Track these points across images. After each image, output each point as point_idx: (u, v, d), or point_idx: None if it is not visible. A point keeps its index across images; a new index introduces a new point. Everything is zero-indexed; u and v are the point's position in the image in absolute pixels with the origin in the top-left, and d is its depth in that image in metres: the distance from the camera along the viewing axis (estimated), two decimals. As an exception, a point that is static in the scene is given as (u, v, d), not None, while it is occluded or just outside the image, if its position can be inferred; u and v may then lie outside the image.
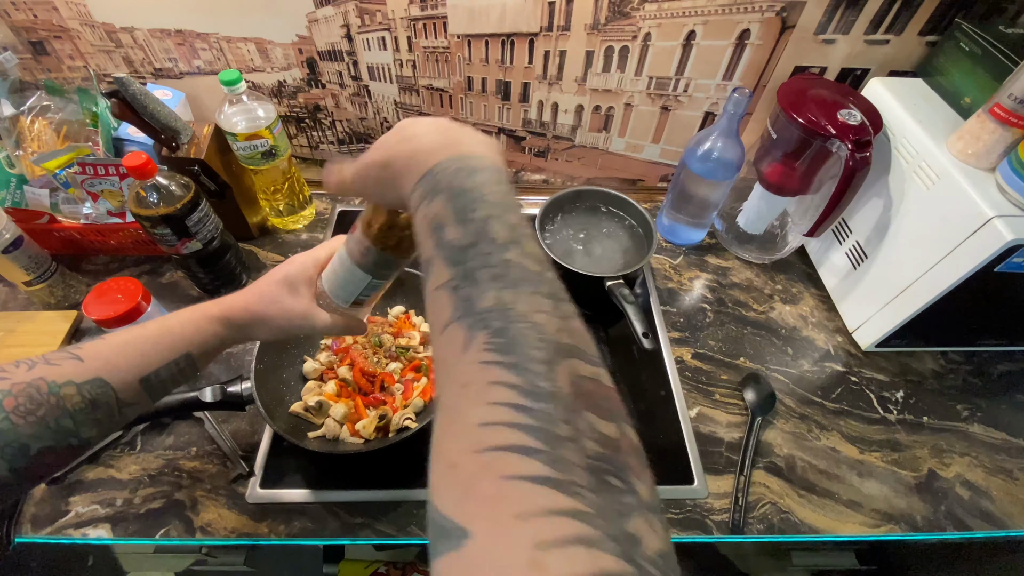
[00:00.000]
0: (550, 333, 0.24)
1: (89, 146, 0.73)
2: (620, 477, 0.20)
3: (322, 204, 0.93)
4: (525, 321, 0.24)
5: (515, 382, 0.22)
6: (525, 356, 0.22)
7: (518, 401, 0.21)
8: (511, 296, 0.25)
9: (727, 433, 0.68)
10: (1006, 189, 0.57)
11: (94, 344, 0.40)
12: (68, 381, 0.37)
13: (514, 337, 0.23)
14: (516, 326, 0.24)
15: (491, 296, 0.25)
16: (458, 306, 0.25)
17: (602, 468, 0.20)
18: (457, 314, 0.25)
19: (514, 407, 0.21)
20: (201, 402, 0.58)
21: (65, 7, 0.72)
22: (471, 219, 0.28)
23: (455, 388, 0.23)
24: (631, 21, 0.73)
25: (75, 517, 0.58)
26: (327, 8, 0.73)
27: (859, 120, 0.65)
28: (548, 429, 0.20)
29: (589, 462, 0.20)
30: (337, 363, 0.67)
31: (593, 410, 0.22)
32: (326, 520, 0.59)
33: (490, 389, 0.22)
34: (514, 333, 0.23)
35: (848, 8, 0.70)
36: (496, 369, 0.22)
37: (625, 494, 0.20)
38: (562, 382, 0.22)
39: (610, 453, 0.21)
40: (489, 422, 0.21)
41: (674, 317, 0.80)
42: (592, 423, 0.21)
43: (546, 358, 0.23)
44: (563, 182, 0.96)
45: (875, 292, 0.72)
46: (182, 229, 0.65)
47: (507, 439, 0.20)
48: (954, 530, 0.62)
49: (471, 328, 0.24)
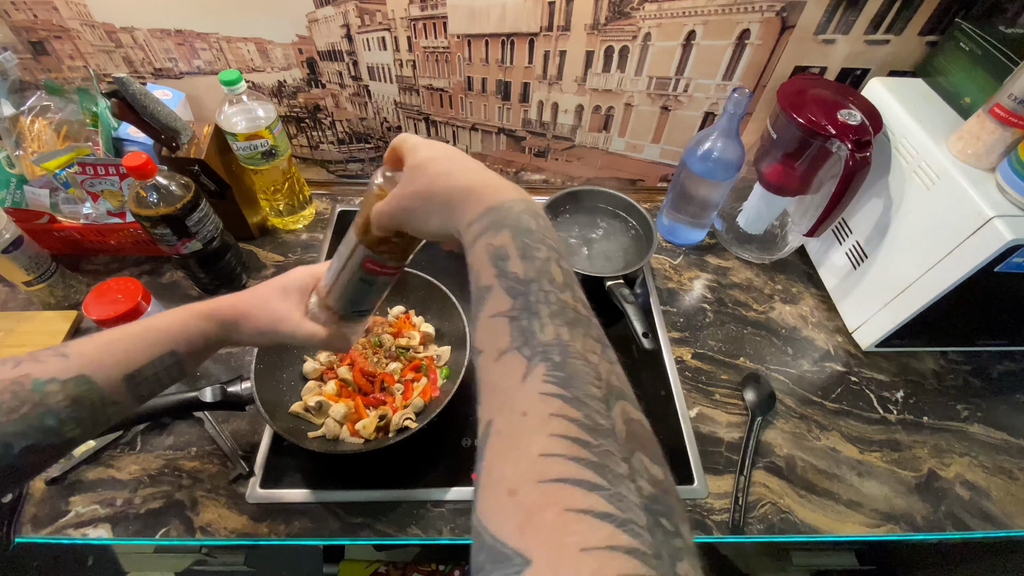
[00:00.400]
0: (604, 373, 0.25)
1: (89, 146, 0.73)
2: (670, 519, 0.21)
3: (322, 204, 0.93)
4: (582, 359, 0.25)
5: (575, 416, 0.23)
6: (584, 392, 0.24)
7: (579, 435, 0.22)
8: (569, 334, 0.26)
9: (727, 433, 0.68)
10: (1006, 189, 0.57)
11: (80, 342, 0.40)
12: (52, 378, 0.37)
13: (573, 373, 0.24)
14: (574, 362, 0.25)
15: (551, 330, 0.26)
16: (517, 336, 0.26)
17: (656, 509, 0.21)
18: (516, 343, 0.26)
19: (575, 440, 0.22)
20: (201, 402, 0.58)
21: (65, 7, 0.72)
22: (534, 257, 0.29)
23: (514, 415, 0.24)
24: (631, 21, 0.73)
25: (75, 517, 0.58)
26: (327, 8, 0.73)
27: (859, 120, 0.65)
28: (608, 466, 0.21)
29: (645, 502, 0.21)
30: (337, 363, 0.67)
31: (644, 452, 0.23)
32: (326, 520, 0.59)
33: (551, 421, 0.22)
34: (573, 369, 0.24)
35: (848, 8, 0.70)
36: (557, 401, 0.23)
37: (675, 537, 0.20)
38: (619, 420, 0.23)
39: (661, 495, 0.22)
40: (551, 453, 0.22)
41: (674, 317, 0.80)
42: (645, 464, 0.22)
43: (603, 396, 0.24)
44: (563, 182, 0.96)
45: (875, 292, 0.72)
46: (182, 229, 0.65)
47: (569, 472, 0.21)
48: (954, 530, 0.62)
49: (531, 359, 0.25)
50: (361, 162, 0.94)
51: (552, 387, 0.24)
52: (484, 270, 0.30)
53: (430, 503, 0.60)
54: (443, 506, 0.60)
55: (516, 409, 0.24)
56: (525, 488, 0.21)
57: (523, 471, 0.22)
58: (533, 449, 0.22)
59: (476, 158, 0.38)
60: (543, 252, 0.30)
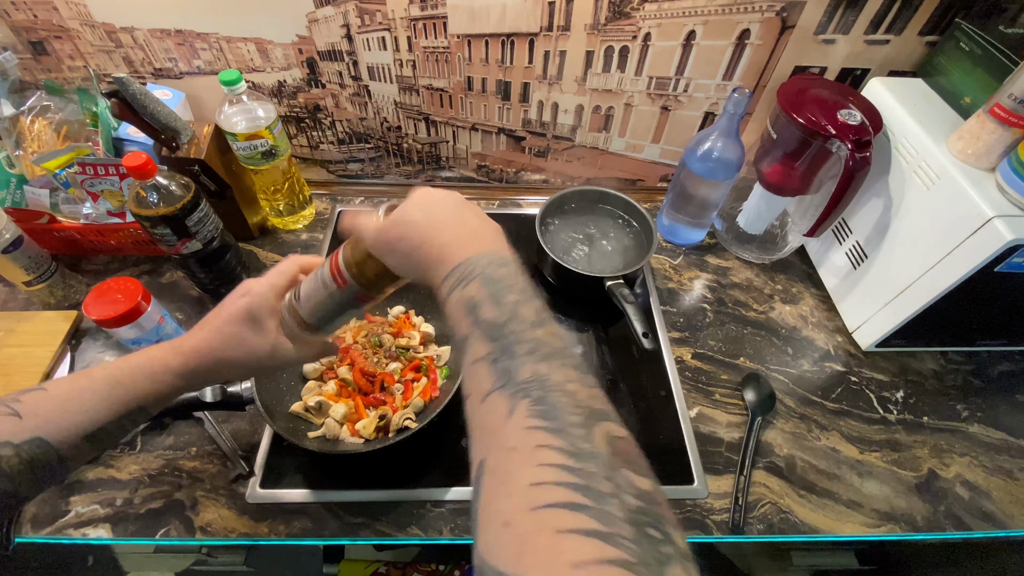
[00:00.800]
0: (583, 400, 0.27)
1: (89, 146, 0.73)
2: (658, 528, 0.22)
3: (322, 204, 0.93)
4: (560, 390, 0.27)
5: (559, 444, 0.24)
6: (565, 421, 0.25)
7: (564, 462, 0.24)
8: (545, 368, 0.28)
9: (727, 433, 0.68)
10: (1006, 189, 0.57)
11: (35, 397, 0.38)
12: (5, 442, 0.35)
13: (553, 404, 0.26)
14: (553, 394, 0.27)
15: (528, 368, 0.28)
16: (499, 377, 0.28)
17: (642, 520, 0.22)
18: (498, 384, 0.28)
19: (561, 467, 0.23)
20: (201, 402, 0.58)
21: (65, 7, 0.72)
22: (504, 302, 0.32)
23: (502, 452, 0.26)
24: (631, 21, 0.73)
25: (75, 517, 0.58)
26: (327, 8, 0.73)
27: (859, 120, 0.65)
28: (592, 486, 0.23)
29: (630, 515, 0.22)
30: (337, 363, 0.67)
31: (629, 467, 0.25)
32: (326, 520, 0.59)
33: (538, 452, 0.24)
34: (553, 400, 0.26)
35: (848, 8, 0.70)
36: (541, 433, 0.25)
37: (663, 544, 0.22)
38: (600, 443, 0.25)
39: (648, 506, 0.23)
40: (540, 482, 0.23)
41: (674, 317, 0.80)
42: (629, 479, 0.24)
43: (583, 422, 0.26)
44: (563, 182, 0.96)
45: (875, 292, 0.72)
46: (182, 229, 0.65)
47: (558, 496, 0.23)
48: (954, 530, 0.62)
49: (513, 397, 0.27)
50: (361, 162, 0.94)
51: (535, 420, 0.25)
52: (461, 321, 0.33)
53: (430, 503, 0.60)
54: (443, 506, 0.60)
55: (504, 445, 0.26)
56: (518, 518, 0.23)
57: (516, 503, 0.23)
58: (523, 480, 0.24)
59: (476, 158, 0.39)
60: (512, 296, 0.32)
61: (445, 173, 0.95)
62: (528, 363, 0.28)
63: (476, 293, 0.33)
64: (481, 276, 0.33)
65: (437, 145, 0.90)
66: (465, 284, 0.34)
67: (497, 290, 0.33)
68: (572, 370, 0.29)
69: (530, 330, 0.30)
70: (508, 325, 0.30)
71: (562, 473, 0.23)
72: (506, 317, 0.31)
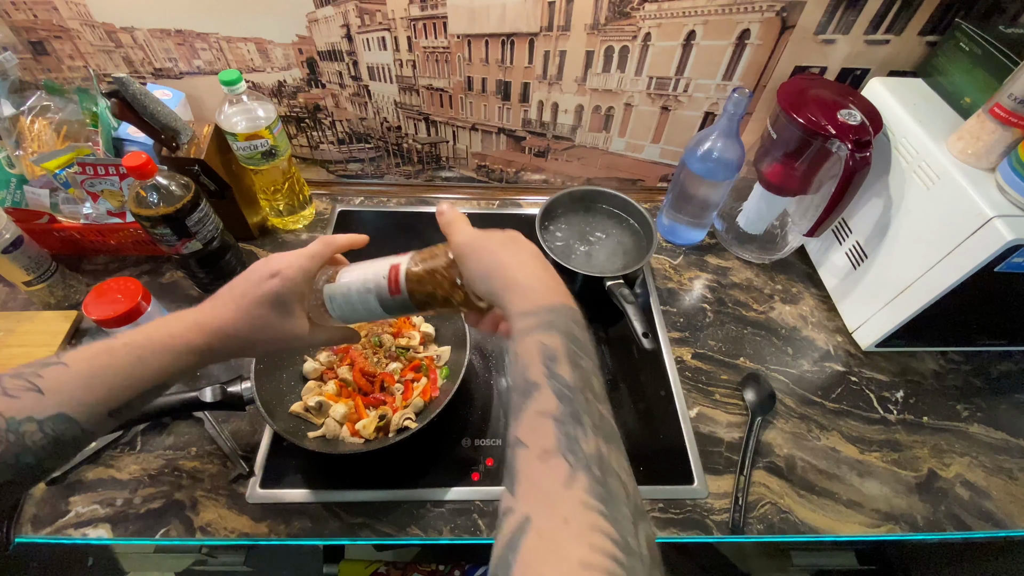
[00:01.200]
0: (632, 493, 0.29)
1: (89, 146, 0.73)
2: None
3: (322, 204, 0.93)
4: (616, 477, 0.29)
5: (613, 535, 0.26)
6: (619, 512, 0.27)
7: (615, 553, 0.25)
8: (606, 448, 0.30)
9: (727, 433, 0.68)
10: (1006, 189, 0.57)
11: (56, 372, 0.37)
12: (28, 417, 0.35)
13: (612, 491, 0.28)
14: (612, 480, 0.28)
15: (593, 443, 0.29)
16: (563, 441, 0.29)
17: None
18: (562, 448, 0.29)
19: (612, 558, 0.25)
20: (201, 402, 0.58)
21: (65, 7, 0.72)
22: (580, 366, 0.33)
23: (555, 520, 0.27)
24: (631, 21, 0.73)
25: (75, 517, 0.58)
26: (327, 8, 0.73)
27: (859, 120, 0.65)
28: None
29: None
30: (337, 363, 0.67)
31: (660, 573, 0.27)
32: (326, 520, 0.59)
33: (591, 534, 0.26)
34: (612, 487, 0.28)
35: (848, 8, 0.70)
36: (597, 516, 0.26)
37: None
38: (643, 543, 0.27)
39: None
40: (590, 564, 0.24)
41: (674, 317, 0.80)
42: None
43: (632, 518, 0.27)
44: (563, 182, 0.96)
45: (875, 292, 0.72)
46: (182, 229, 0.65)
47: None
48: (954, 530, 0.62)
49: (574, 467, 0.28)
50: (361, 162, 0.94)
51: (593, 500, 0.27)
52: (533, 365, 0.33)
53: (430, 503, 0.60)
54: (443, 506, 0.60)
55: (558, 514, 0.27)
56: None
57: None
58: (574, 556, 0.25)
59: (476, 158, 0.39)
60: (586, 362, 0.34)
61: (445, 173, 0.95)
62: (594, 438, 0.30)
63: (557, 346, 0.34)
64: (565, 331, 0.35)
65: (437, 145, 0.90)
66: (547, 330, 0.35)
67: (575, 350, 0.34)
68: (624, 457, 0.31)
69: (597, 403, 0.32)
70: (581, 391, 0.32)
71: (612, 564, 0.24)
72: (580, 382, 0.32)
